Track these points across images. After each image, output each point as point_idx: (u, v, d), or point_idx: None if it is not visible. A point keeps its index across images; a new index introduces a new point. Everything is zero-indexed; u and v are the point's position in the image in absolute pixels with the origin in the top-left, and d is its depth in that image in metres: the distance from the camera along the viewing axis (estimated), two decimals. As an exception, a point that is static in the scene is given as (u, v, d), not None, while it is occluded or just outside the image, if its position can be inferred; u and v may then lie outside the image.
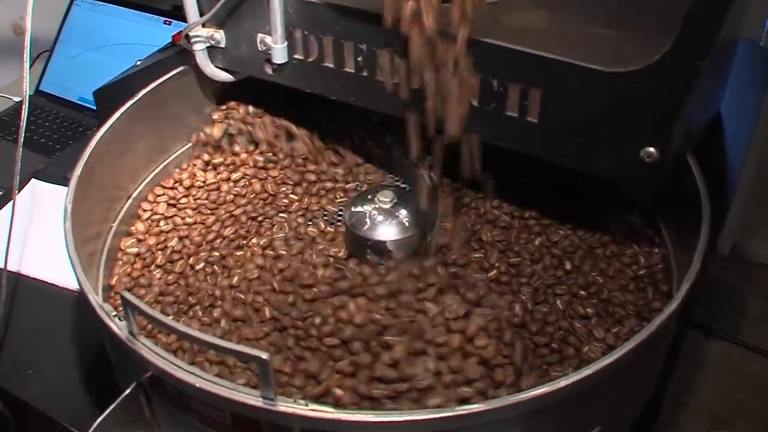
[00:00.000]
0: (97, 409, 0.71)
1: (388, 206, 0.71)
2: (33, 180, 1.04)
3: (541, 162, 0.66)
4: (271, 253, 0.73)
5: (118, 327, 0.55)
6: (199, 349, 0.62)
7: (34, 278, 0.90)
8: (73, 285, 0.89)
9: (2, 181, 1.26)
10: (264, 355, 0.48)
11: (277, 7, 0.68)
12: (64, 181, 1.04)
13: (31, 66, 1.70)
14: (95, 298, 0.57)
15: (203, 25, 0.75)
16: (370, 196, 0.72)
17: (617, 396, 0.59)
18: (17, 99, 1.47)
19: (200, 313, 0.67)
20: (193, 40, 0.75)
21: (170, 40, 1.15)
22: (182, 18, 1.38)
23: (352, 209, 0.72)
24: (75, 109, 1.43)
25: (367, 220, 0.70)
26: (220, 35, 0.75)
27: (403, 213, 0.71)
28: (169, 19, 1.41)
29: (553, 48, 0.60)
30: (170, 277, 0.71)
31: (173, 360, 0.52)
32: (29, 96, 1.48)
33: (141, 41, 1.41)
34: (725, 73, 1.06)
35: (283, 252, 0.72)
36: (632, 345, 0.52)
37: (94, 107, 1.39)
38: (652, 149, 0.60)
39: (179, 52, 0.85)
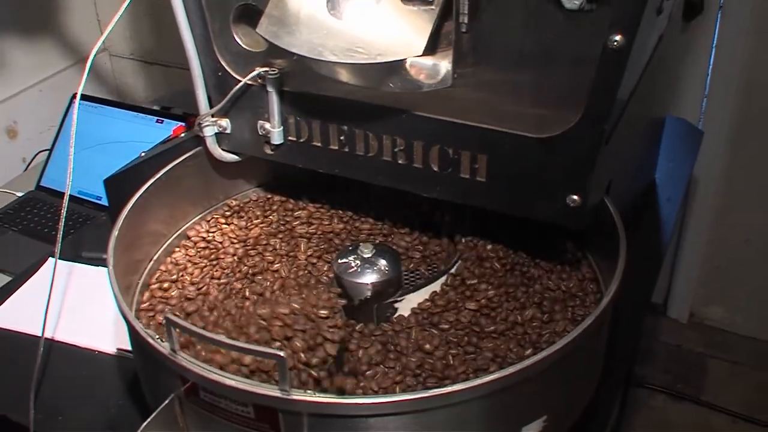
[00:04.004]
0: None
1: (368, 256, 0.90)
2: (50, 259, 1.22)
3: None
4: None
5: (161, 345, 0.73)
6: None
7: (60, 341, 1.07)
8: (93, 346, 1.06)
9: (12, 267, 1.44)
10: (282, 353, 0.66)
11: (275, 99, 0.89)
12: (78, 259, 1.22)
13: (29, 165, 1.92)
14: (139, 325, 0.75)
15: (212, 116, 0.95)
16: (353, 248, 0.91)
17: (551, 393, 0.77)
18: (19, 194, 1.67)
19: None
20: (204, 127, 0.95)
21: (167, 135, 1.36)
22: (172, 117, 1.60)
23: (339, 261, 0.91)
24: (75, 202, 1.62)
25: (352, 266, 0.89)
26: (226, 123, 0.96)
27: (382, 262, 0.90)
28: (161, 118, 1.63)
29: (493, 122, 0.81)
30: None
31: (209, 368, 0.70)
32: (30, 191, 1.68)
33: (135, 139, 1.62)
34: (653, 144, 1.29)
35: None
36: (539, 357, 0.70)
37: (93, 199, 1.60)
38: (575, 196, 0.80)
39: (189, 139, 1.05)
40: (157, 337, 0.74)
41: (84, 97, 1.75)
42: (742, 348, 2.05)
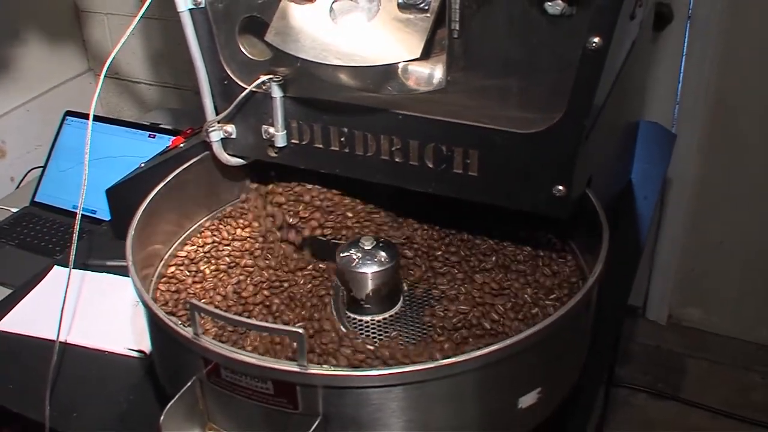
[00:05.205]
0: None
1: (369, 248, 0.98)
2: (56, 267, 1.28)
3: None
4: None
5: (184, 330, 0.79)
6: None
7: (72, 343, 1.13)
8: (103, 346, 1.12)
9: (11, 279, 1.50)
10: (300, 330, 0.73)
11: (279, 104, 0.97)
12: (81, 266, 1.29)
13: (21, 182, 1.98)
14: (162, 313, 0.82)
15: (218, 122, 1.02)
16: (355, 242, 0.99)
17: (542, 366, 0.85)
18: (14, 210, 1.73)
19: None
20: (210, 132, 1.02)
21: (161, 149, 1.43)
22: (164, 132, 1.67)
23: (341, 254, 0.99)
24: (69, 216, 1.69)
25: (354, 258, 0.97)
26: (231, 128, 1.03)
27: (381, 254, 0.98)
28: (154, 133, 1.70)
29: (484, 120, 0.89)
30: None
31: (232, 349, 0.77)
32: (25, 207, 1.73)
33: (128, 154, 1.68)
34: (629, 146, 1.39)
35: None
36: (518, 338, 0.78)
37: (87, 213, 1.66)
38: (560, 186, 0.89)
39: (190, 147, 1.13)
40: (180, 323, 0.81)
41: (76, 114, 1.83)
42: (719, 348, 2.15)
